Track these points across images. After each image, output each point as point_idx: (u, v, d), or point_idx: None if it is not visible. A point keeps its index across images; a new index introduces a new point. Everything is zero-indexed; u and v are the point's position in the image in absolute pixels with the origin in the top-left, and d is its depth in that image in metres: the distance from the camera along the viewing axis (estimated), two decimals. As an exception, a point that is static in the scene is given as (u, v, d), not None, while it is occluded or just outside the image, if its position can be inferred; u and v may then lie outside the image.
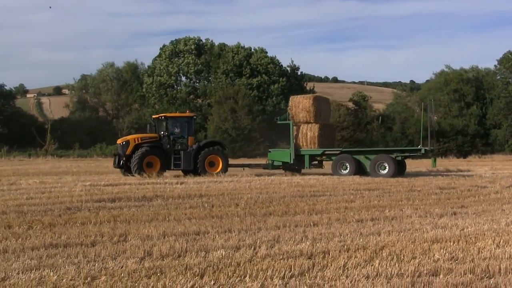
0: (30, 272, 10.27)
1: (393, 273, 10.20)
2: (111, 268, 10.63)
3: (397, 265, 10.79)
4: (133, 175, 31.81)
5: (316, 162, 37.07)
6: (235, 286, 9.46)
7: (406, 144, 76.86)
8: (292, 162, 36.07)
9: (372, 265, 10.82)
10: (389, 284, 9.55)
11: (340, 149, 39.05)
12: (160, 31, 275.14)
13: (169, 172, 34.86)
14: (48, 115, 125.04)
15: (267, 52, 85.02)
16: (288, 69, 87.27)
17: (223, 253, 11.86)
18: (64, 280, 9.75)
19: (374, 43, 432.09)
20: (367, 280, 9.81)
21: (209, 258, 11.47)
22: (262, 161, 44.68)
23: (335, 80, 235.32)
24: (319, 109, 37.40)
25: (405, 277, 9.98)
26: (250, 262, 11.17)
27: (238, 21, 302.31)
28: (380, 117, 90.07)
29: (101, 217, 16.87)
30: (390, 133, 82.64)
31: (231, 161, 37.69)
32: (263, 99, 79.15)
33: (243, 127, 71.71)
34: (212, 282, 9.61)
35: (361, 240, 13.53)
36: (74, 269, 10.47)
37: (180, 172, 35.04)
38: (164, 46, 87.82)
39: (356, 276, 10.03)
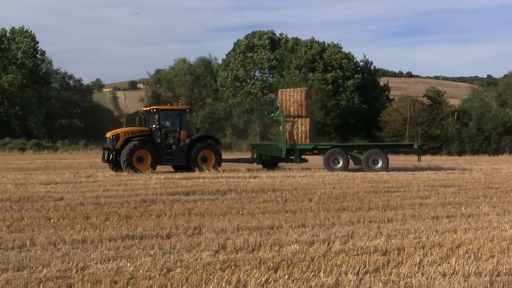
0: (108, 263, 10.47)
1: (470, 271, 10.02)
2: (186, 260, 10.74)
3: (474, 263, 10.60)
4: (122, 171, 30.55)
5: (306, 156, 36.35)
6: (309, 281, 9.43)
7: (481, 140, 75.64)
8: (283, 156, 35.17)
9: (448, 263, 10.65)
10: (466, 282, 9.39)
11: (332, 143, 39.81)
12: (232, 26, 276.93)
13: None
14: (124, 109, 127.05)
15: (341, 47, 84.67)
16: (361, 64, 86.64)
17: (297, 247, 11.85)
18: (141, 271, 9.90)
19: (449, 37, 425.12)
20: (443, 278, 9.67)
21: (283, 252, 11.48)
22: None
23: (409, 75, 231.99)
24: (309, 103, 37.75)
25: (483, 276, 9.79)
26: (324, 257, 11.13)
27: (312, 16, 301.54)
28: (456, 113, 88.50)
29: (176, 210, 17.04)
30: (466, 129, 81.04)
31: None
32: (338, 94, 78.72)
33: (316, 121, 71.36)
34: (286, 277, 9.61)
35: (436, 237, 13.32)
36: (150, 261, 10.63)
37: (253, 166, 35.23)
38: (238, 40, 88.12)
39: (432, 273, 9.90)
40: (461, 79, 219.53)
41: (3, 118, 75.15)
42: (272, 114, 37.63)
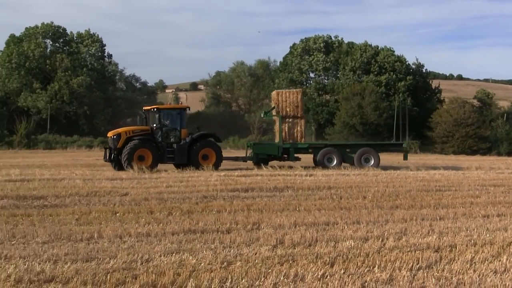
0: (171, 255, 10.53)
1: (522, 269, 9.84)
2: (246, 254, 10.74)
3: (525, 261, 10.40)
4: (124, 170, 29.66)
5: (298, 155, 35.75)
6: (364, 276, 9.35)
7: None
8: (280, 155, 34.72)
9: (499, 261, 10.46)
10: (518, 280, 9.22)
11: (326, 142, 39.94)
12: (290, 30, 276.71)
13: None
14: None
15: (394, 51, 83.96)
16: (413, 66, 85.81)
17: (352, 243, 11.76)
18: (202, 264, 9.93)
19: (499, 41, 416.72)
20: (495, 275, 9.49)
21: (338, 248, 11.41)
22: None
23: (460, 77, 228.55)
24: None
25: (534, 273, 9.60)
26: (379, 253, 11.04)
27: (366, 20, 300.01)
28: (505, 114, 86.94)
29: (235, 205, 17.08)
30: (515, 130, 79.55)
31: None
32: (390, 95, 78.06)
33: (370, 122, 70.96)
34: (342, 271, 9.55)
35: (487, 235, 13.10)
36: (211, 254, 10.65)
37: (307, 164, 34.79)
38: (294, 44, 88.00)
39: (483, 270, 9.72)
40: (511, 82, 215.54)
41: (72, 117, 76.38)
42: (266, 114, 37.08)
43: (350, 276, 9.28)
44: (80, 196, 18.99)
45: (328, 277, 9.27)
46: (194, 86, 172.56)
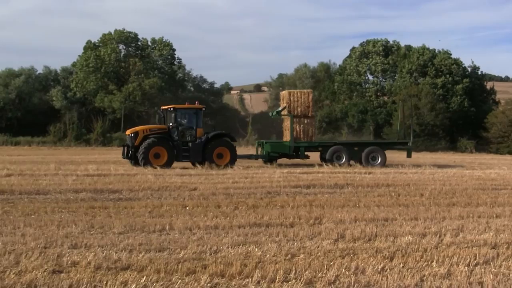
0: (238, 247, 10.60)
1: None
2: (309, 247, 10.74)
3: None
4: (141, 166, 29.07)
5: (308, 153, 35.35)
6: (422, 270, 9.26)
7: None
8: (291, 153, 34.35)
9: (557, 258, 10.22)
10: None
11: (335, 141, 38.74)
12: (350, 34, 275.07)
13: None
14: (249, 110, 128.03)
15: (450, 54, 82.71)
16: (469, 69, 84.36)
17: (410, 239, 11.64)
18: (267, 256, 9.97)
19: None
20: (552, 272, 9.28)
21: (397, 243, 11.31)
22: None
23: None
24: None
25: None
26: (436, 248, 10.90)
27: (423, 24, 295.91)
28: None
29: (298, 201, 17.06)
30: None
31: (413, 155, 36.43)
32: (447, 97, 76.89)
33: (426, 123, 69.96)
34: (401, 265, 9.48)
35: (545, 233, 12.80)
36: (276, 247, 10.69)
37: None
38: (354, 47, 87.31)
39: (541, 268, 9.52)
40: None
41: (144, 117, 77.35)
42: (278, 113, 36.50)
43: (409, 270, 9.21)
44: (152, 190, 19.28)
45: (387, 270, 9.21)
46: (258, 88, 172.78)
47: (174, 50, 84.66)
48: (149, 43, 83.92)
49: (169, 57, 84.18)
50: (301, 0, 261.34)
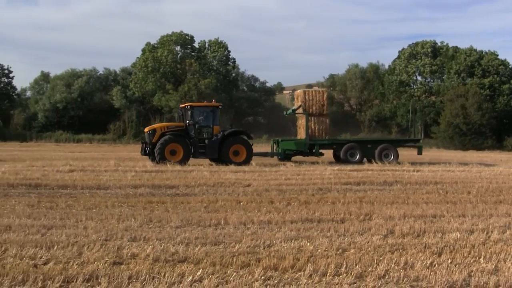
0: (290, 242, 10.60)
1: None
2: (359, 242, 10.69)
3: None
4: (160, 163, 28.57)
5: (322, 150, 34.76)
6: (470, 266, 9.13)
7: None
8: (306, 150, 33.89)
9: None
10: None
11: (348, 139, 38.06)
12: (398, 36, 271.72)
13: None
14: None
15: (497, 55, 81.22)
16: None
17: (458, 235, 11.48)
18: (319, 250, 9.95)
19: None
20: None
21: (445, 239, 11.17)
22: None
23: None
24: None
25: None
26: (484, 245, 10.73)
27: (470, 26, 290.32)
28: None
29: (348, 198, 16.98)
30: None
31: (460, 154, 35.81)
32: (494, 97, 75.52)
33: (473, 122, 68.88)
34: (449, 261, 9.36)
35: None
36: (327, 242, 10.66)
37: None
38: (403, 49, 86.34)
39: None
40: None
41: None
42: (293, 111, 35.93)
43: (457, 266, 9.09)
44: (207, 186, 19.39)
45: (436, 265, 9.10)
46: (309, 88, 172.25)
47: (229, 51, 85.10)
48: (205, 45, 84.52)
49: (224, 58, 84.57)
50: (351, 3, 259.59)
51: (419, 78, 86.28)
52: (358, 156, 33.13)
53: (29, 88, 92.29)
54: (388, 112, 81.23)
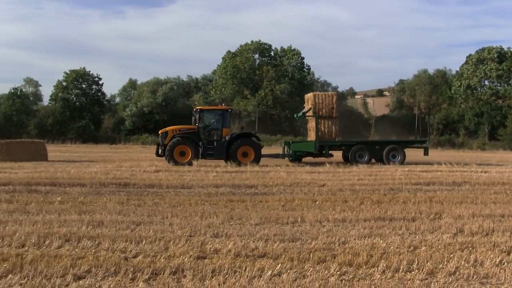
0: (364, 239, 10.52)
1: None
2: (429, 240, 10.50)
3: None
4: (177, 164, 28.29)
5: (332, 152, 33.71)
6: (539, 265, 8.83)
7: None
8: (316, 152, 32.78)
9: None
10: None
11: (357, 140, 36.35)
12: (466, 42, 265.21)
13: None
14: (372, 113, 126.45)
15: None
16: None
17: (527, 234, 11.12)
18: (391, 247, 9.83)
19: None
20: None
21: (514, 238, 10.84)
22: None
23: None
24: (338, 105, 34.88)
25: None
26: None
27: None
28: None
29: (419, 197, 16.64)
30: None
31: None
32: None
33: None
34: (519, 260, 9.09)
35: None
36: (399, 239, 10.52)
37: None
38: (470, 55, 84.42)
39: None
40: None
41: (276, 120, 78.23)
42: (303, 114, 34.88)
43: (526, 264, 8.82)
44: (284, 186, 19.35)
45: (505, 263, 8.87)
46: (380, 93, 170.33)
47: (303, 58, 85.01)
48: (281, 52, 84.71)
49: (299, 64, 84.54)
50: (420, 11, 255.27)
51: (486, 82, 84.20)
52: (366, 157, 32.32)
53: (117, 94, 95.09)
54: (456, 115, 79.46)
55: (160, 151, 30.26)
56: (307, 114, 34.68)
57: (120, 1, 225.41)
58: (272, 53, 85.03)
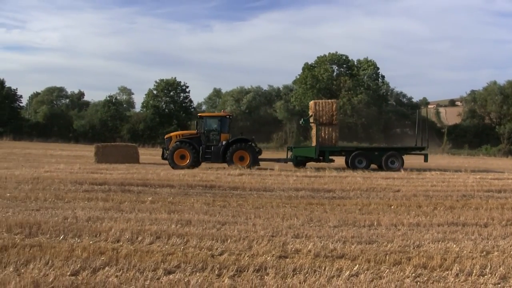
0: (438, 243, 10.27)
1: None
2: (502, 246, 10.15)
3: None
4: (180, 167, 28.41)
5: (333, 157, 32.42)
6: None
7: None
8: (316, 157, 31.60)
9: None
10: None
11: (356, 146, 35.53)
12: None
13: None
14: (444, 122, 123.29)
15: None
16: None
17: None
18: (464, 252, 9.57)
19: None
20: None
21: None
22: None
23: None
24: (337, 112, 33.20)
25: None
26: None
27: None
28: None
29: (491, 204, 16.10)
30: None
31: None
32: None
33: None
34: None
35: None
36: (472, 244, 10.22)
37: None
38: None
39: None
40: None
41: (352, 127, 77.53)
42: (304, 121, 33.82)
43: None
44: (361, 190, 19.14)
45: None
46: (452, 103, 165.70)
47: (378, 69, 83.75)
48: (357, 64, 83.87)
49: (374, 75, 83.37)
50: (493, 24, 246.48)
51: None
52: (365, 163, 31.16)
53: (203, 102, 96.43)
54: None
55: (165, 154, 30.59)
56: (304, 121, 34.30)
57: (207, 16, 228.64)
58: (348, 64, 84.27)
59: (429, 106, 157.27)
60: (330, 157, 32.11)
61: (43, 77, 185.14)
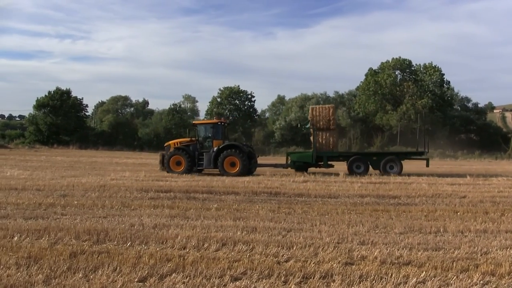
0: (506, 250, 9.77)
1: None
2: None
3: None
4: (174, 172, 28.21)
5: (332, 162, 30.86)
6: None
7: None
8: (314, 162, 30.11)
9: None
10: None
11: (354, 152, 34.22)
12: None
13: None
14: (510, 127, 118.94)
15: None
16: None
17: None
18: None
19: None
20: None
21: None
22: None
23: None
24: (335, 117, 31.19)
25: None
26: None
27: None
28: None
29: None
30: None
31: None
32: None
33: None
34: None
35: None
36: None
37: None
38: None
39: None
40: None
41: (416, 133, 75.86)
42: (303, 127, 32.02)
43: None
44: (426, 197, 18.51)
45: None
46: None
47: (443, 74, 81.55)
48: (421, 69, 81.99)
49: (439, 80, 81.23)
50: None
51: None
52: (363, 168, 29.73)
53: (267, 109, 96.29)
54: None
55: (164, 162, 30.43)
56: (306, 126, 33.49)
57: (270, 23, 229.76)
58: (412, 69, 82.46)
59: (495, 111, 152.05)
60: (329, 162, 31.31)
61: (108, 86, 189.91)
